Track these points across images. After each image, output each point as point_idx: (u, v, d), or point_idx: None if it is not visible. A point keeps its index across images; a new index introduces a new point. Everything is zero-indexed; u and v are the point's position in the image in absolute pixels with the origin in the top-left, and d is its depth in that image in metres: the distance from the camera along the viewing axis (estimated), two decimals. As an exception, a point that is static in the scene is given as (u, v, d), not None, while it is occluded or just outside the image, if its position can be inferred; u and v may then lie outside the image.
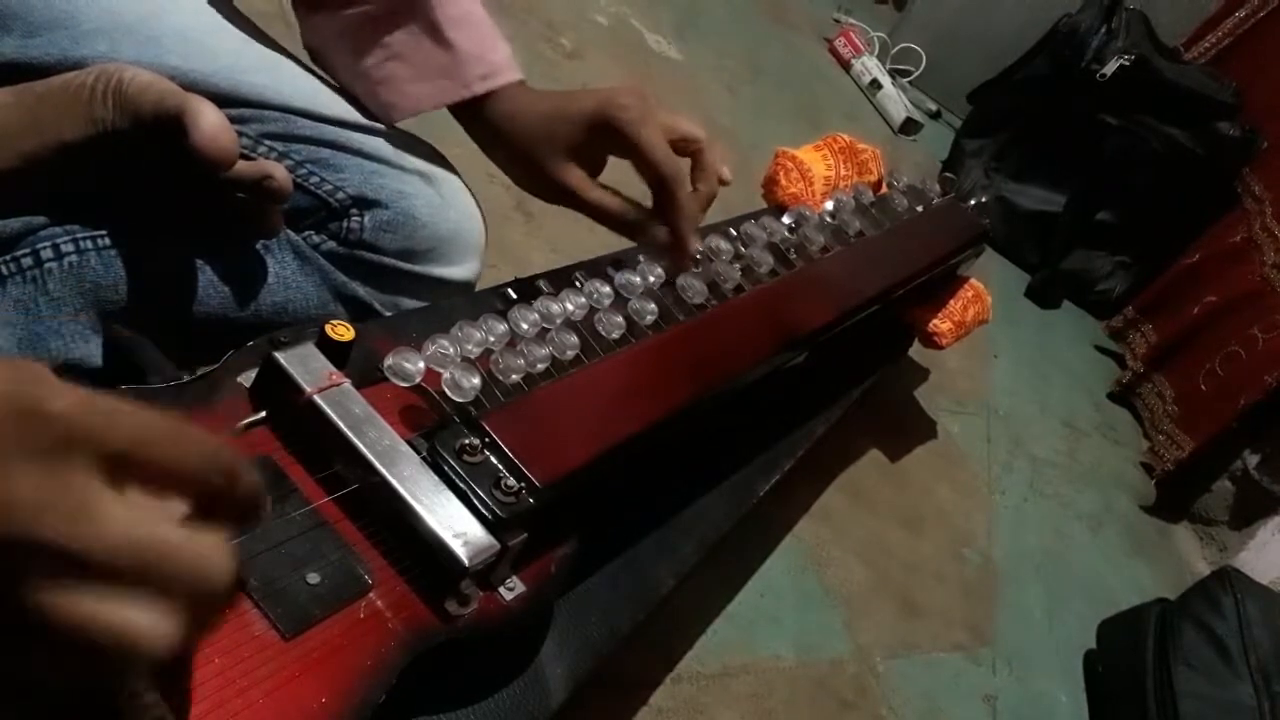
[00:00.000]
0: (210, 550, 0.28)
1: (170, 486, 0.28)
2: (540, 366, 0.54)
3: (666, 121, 0.62)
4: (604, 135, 0.61)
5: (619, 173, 0.65)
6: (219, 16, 0.59)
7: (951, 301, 1.13)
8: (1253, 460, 1.55)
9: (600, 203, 0.63)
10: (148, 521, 0.27)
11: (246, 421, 0.44)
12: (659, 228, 0.63)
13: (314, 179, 0.57)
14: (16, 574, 0.25)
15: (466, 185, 0.65)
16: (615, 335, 0.60)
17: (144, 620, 0.27)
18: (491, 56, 0.62)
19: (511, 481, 0.46)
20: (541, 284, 0.61)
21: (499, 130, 0.63)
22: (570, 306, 0.59)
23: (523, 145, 0.63)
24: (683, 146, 0.63)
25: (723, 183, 0.67)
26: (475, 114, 0.63)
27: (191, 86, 0.45)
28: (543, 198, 0.66)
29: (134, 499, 0.27)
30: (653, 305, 0.63)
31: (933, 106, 2.33)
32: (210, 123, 0.43)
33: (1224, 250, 1.76)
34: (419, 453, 0.45)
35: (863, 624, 1.00)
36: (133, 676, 0.31)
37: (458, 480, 0.45)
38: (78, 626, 0.26)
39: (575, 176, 0.63)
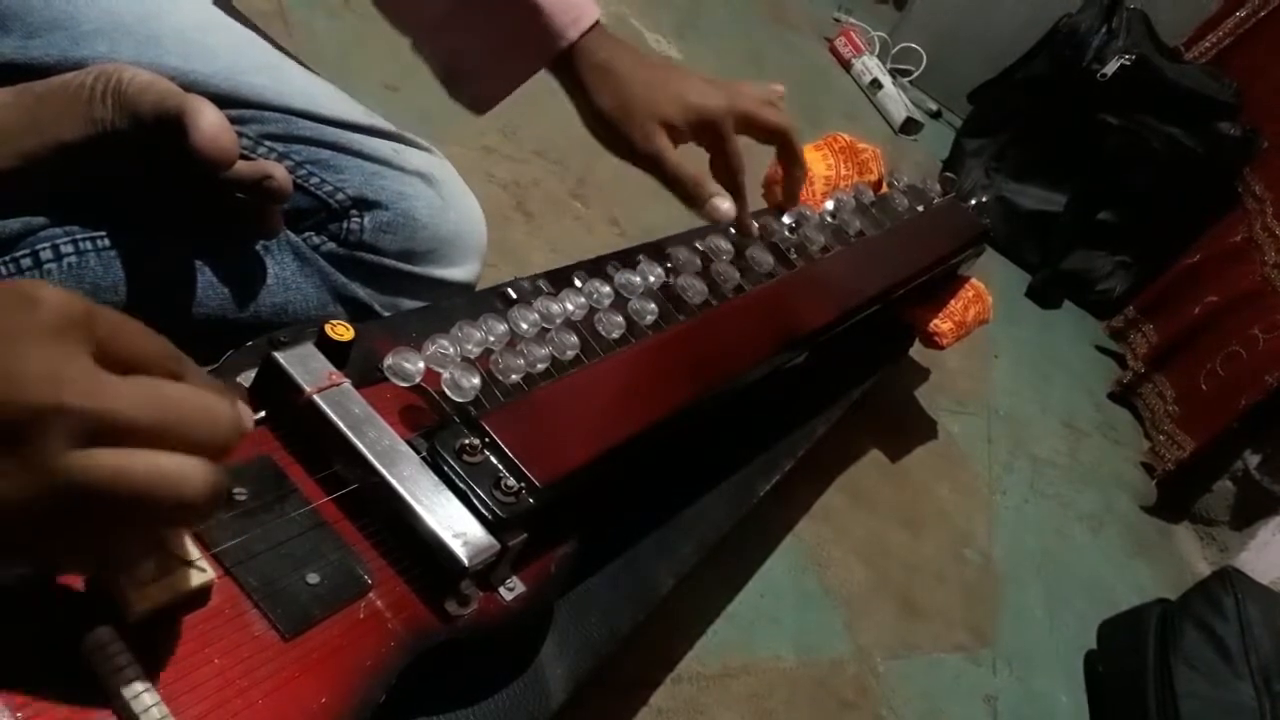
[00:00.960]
0: (211, 399, 0.31)
1: (143, 372, 0.30)
2: (540, 366, 0.54)
3: (754, 114, 0.70)
4: (701, 129, 0.67)
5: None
6: (219, 17, 0.59)
7: (952, 301, 1.13)
8: (1253, 460, 1.55)
9: (678, 170, 0.66)
10: (153, 383, 0.30)
11: (246, 422, 0.44)
12: (721, 201, 0.67)
13: (314, 180, 0.57)
14: (50, 447, 0.27)
15: (467, 186, 0.65)
16: (615, 335, 0.60)
17: (177, 464, 0.29)
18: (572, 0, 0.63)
19: (511, 481, 0.46)
20: (541, 284, 0.61)
21: (592, 79, 0.64)
22: (570, 306, 0.59)
23: (617, 102, 0.65)
24: (767, 138, 0.73)
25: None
26: (566, 61, 0.64)
27: (191, 87, 0.45)
28: (618, 154, 0.68)
29: (131, 376, 0.30)
30: (653, 305, 0.63)
31: (933, 106, 2.33)
32: (210, 123, 0.43)
33: (1224, 250, 1.76)
34: (419, 453, 0.45)
35: (863, 624, 1.00)
36: (177, 525, 0.34)
37: (457, 480, 0.45)
38: (118, 479, 0.28)
39: (663, 141, 0.66)
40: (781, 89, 0.76)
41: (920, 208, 1.01)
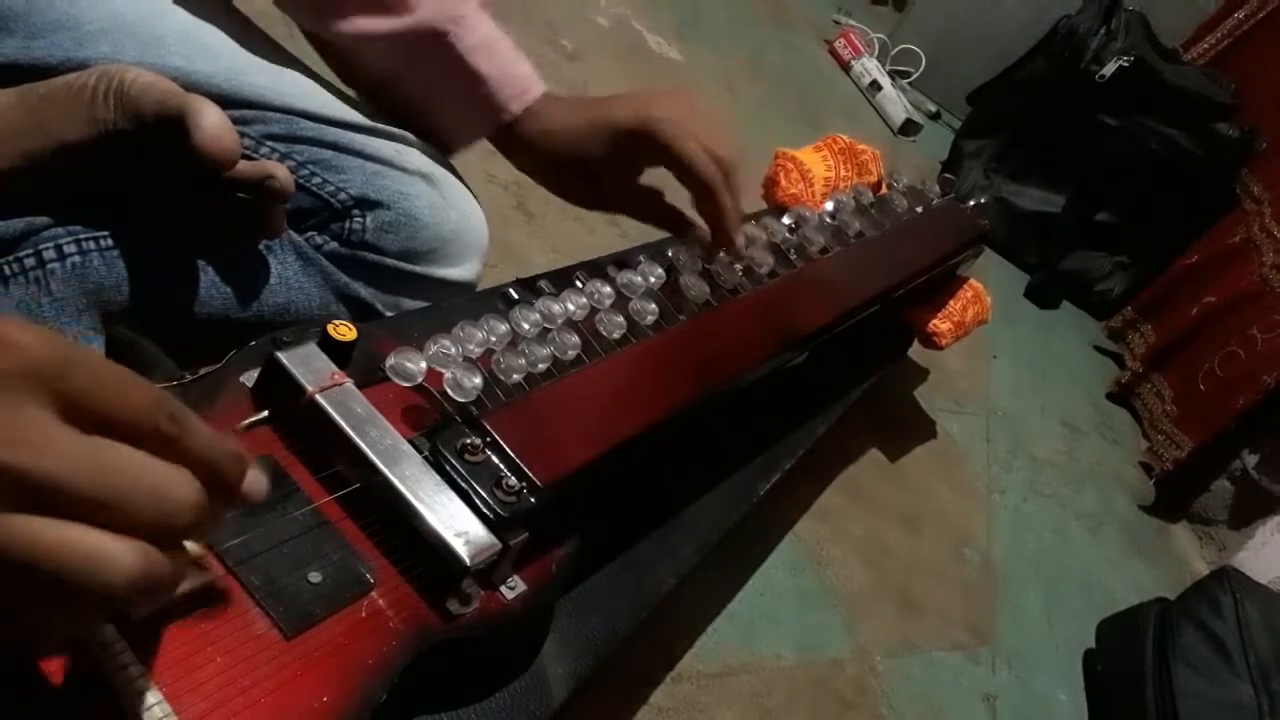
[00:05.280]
0: (171, 477, 0.28)
1: (123, 433, 0.27)
2: (541, 366, 0.54)
3: (703, 131, 0.63)
4: (643, 146, 0.62)
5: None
6: (221, 18, 0.59)
7: (951, 302, 1.13)
8: (1251, 460, 1.55)
9: (642, 208, 0.65)
10: (106, 448, 0.27)
11: (249, 421, 0.45)
12: (699, 227, 0.65)
13: (316, 180, 0.57)
14: None
15: (468, 186, 0.66)
16: (616, 335, 0.60)
17: (107, 545, 0.26)
18: (518, 73, 0.63)
19: (513, 481, 0.46)
20: (543, 284, 0.62)
21: (535, 147, 0.64)
22: (571, 306, 0.59)
23: (562, 159, 0.64)
24: (716, 161, 0.64)
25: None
26: (510, 134, 0.64)
27: (194, 87, 0.45)
28: (585, 206, 0.67)
29: (92, 437, 0.27)
30: (653, 305, 0.63)
31: (932, 108, 2.33)
32: (212, 123, 0.43)
33: (1223, 251, 1.77)
34: (420, 452, 0.46)
35: (863, 623, 1.00)
36: (99, 611, 0.30)
37: (459, 480, 0.45)
38: (31, 550, 0.25)
39: (617, 184, 0.64)
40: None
41: (919, 209, 1.02)
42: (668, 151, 0.62)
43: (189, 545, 0.37)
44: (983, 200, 1.18)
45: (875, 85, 2.18)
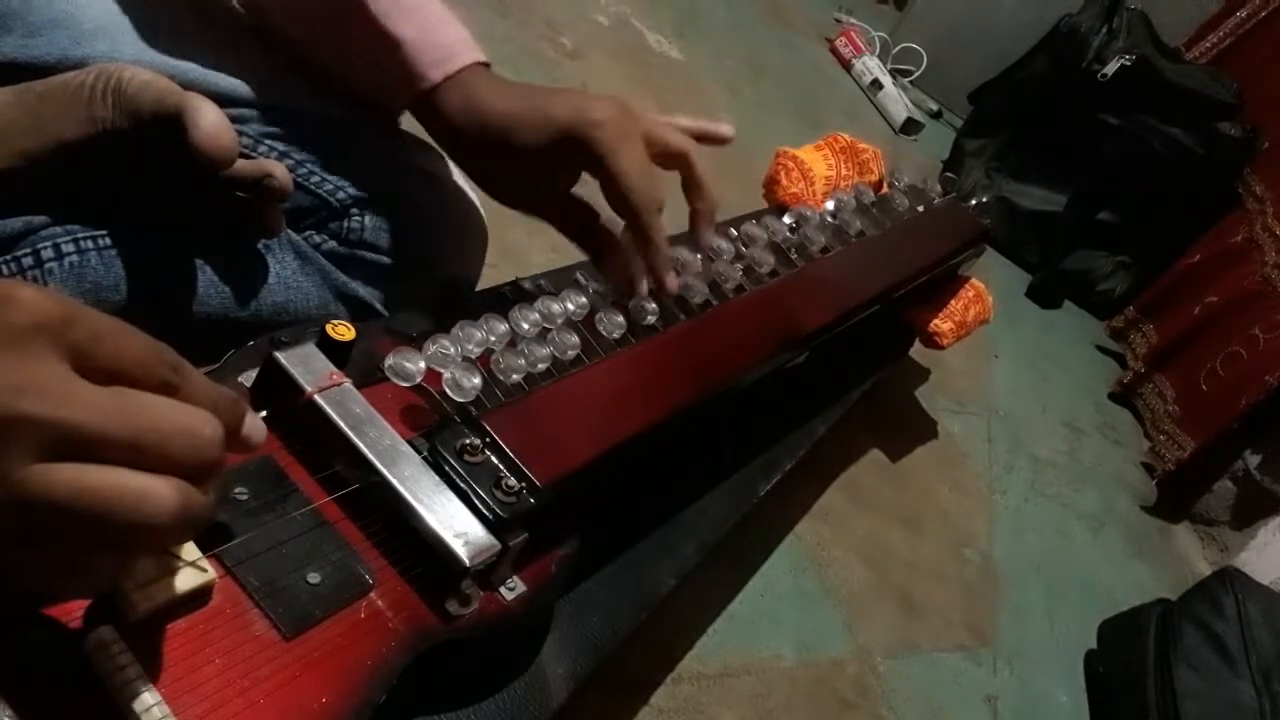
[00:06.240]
0: (196, 414, 0.29)
1: (130, 383, 0.29)
2: (541, 366, 0.54)
3: (652, 133, 0.57)
4: (573, 150, 0.54)
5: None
6: (220, 17, 0.59)
7: (952, 301, 1.13)
8: (1254, 460, 1.55)
9: (567, 221, 0.59)
10: (128, 394, 0.28)
11: (247, 421, 0.44)
12: (624, 258, 0.58)
13: (314, 178, 0.57)
14: (11, 458, 0.26)
15: (468, 184, 0.65)
16: (616, 335, 0.60)
17: (142, 483, 0.27)
18: (443, 39, 0.55)
19: (512, 481, 0.46)
20: (542, 284, 0.61)
21: (456, 124, 0.55)
22: (571, 306, 0.59)
23: (483, 144, 0.55)
24: (669, 162, 0.59)
25: (722, 141, 0.64)
26: (432, 107, 0.56)
27: (191, 86, 0.45)
28: (507, 204, 0.60)
29: (110, 386, 0.28)
30: (653, 305, 0.63)
31: (934, 106, 2.33)
32: (210, 121, 0.43)
33: (1225, 250, 1.76)
34: (420, 452, 0.45)
35: (863, 624, 1.00)
36: (140, 551, 0.32)
37: (458, 480, 0.45)
38: (78, 495, 0.26)
39: (544, 186, 0.57)
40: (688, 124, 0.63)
41: (920, 208, 1.01)
42: (596, 161, 0.54)
43: (187, 546, 0.37)
44: (984, 199, 1.18)
45: (876, 84, 2.17)
